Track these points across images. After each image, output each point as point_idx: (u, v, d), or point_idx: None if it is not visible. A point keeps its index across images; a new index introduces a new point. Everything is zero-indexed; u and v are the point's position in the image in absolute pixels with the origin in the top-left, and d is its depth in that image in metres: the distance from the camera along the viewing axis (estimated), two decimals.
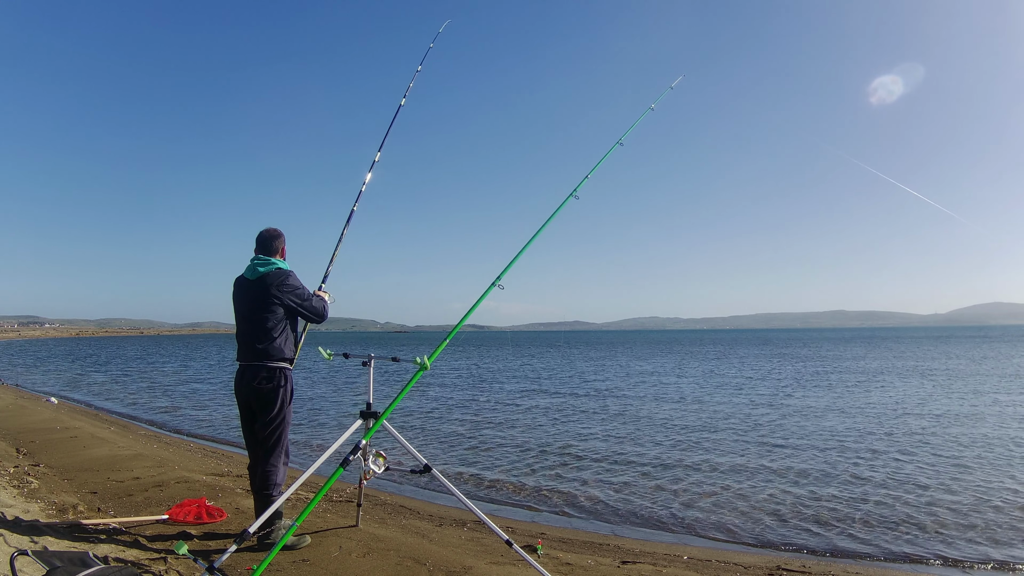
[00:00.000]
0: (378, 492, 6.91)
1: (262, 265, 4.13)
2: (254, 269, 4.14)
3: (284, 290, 4.08)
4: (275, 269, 4.12)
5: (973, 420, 12.67)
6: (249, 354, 4.08)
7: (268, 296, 4.06)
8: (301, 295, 4.15)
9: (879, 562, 5.31)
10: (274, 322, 4.06)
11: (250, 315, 4.09)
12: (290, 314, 4.15)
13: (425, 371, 3.66)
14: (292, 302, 4.11)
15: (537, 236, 4.37)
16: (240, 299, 4.18)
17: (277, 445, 4.11)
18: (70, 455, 7.57)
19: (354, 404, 15.40)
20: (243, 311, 4.14)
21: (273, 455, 4.10)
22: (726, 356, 40.89)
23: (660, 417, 13.52)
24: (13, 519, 4.47)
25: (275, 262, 4.17)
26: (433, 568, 4.04)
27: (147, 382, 22.91)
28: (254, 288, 4.11)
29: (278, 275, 4.10)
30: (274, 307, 4.06)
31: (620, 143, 5.20)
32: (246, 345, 4.10)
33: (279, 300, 4.07)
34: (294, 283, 4.14)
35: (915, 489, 7.43)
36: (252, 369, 4.06)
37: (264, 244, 4.22)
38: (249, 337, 4.08)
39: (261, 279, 4.09)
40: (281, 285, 4.08)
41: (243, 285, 4.19)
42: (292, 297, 4.11)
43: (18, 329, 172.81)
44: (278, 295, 4.06)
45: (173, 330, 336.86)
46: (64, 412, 12.69)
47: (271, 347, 4.04)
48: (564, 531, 5.93)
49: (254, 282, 4.12)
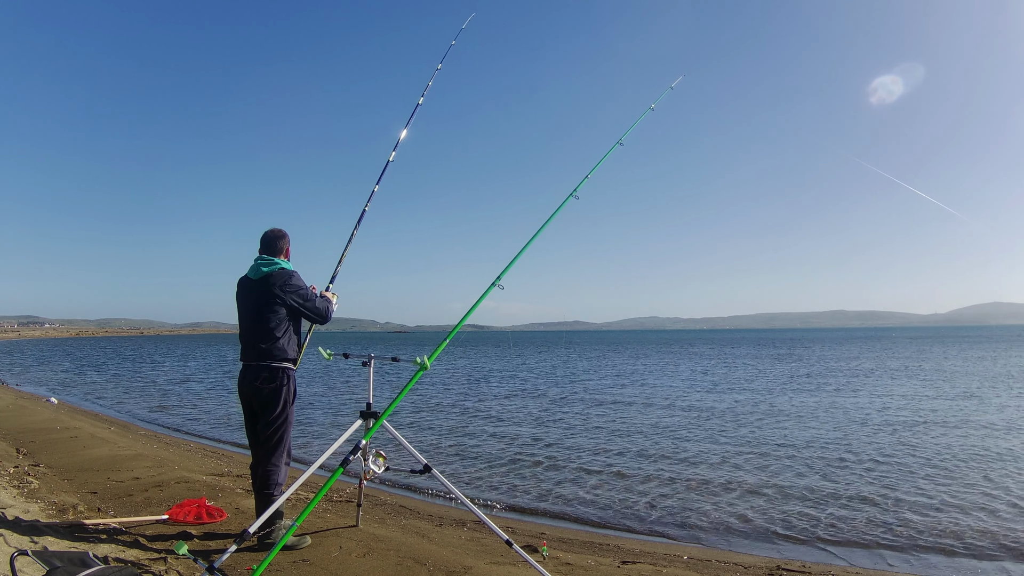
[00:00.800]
0: (378, 492, 6.92)
1: (266, 265, 4.13)
2: (258, 269, 4.14)
3: (287, 290, 4.08)
4: (279, 269, 4.12)
5: (973, 425, 12.66)
6: (252, 354, 4.08)
7: (271, 296, 4.05)
8: (304, 295, 4.15)
9: (879, 563, 5.31)
10: (277, 322, 4.05)
11: (253, 315, 4.09)
12: (293, 314, 4.15)
13: (425, 371, 3.66)
14: (295, 302, 4.10)
15: (537, 236, 4.37)
16: (243, 299, 4.19)
17: (279, 445, 4.11)
18: (70, 455, 7.57)
19: (354, 404, 15.40)
20: (246, 311, 4.14)
21: (275, 455, 4.10)
22: (723, 357, 40.86)
23: (661, 418, 13.52)
24: (13, 519, 4.48)
25: (279, 262, 4.16)
26: (433, 568, 4.04)
27: (145, 382, 22.90)
28: (257, 288, 4.11)
29: (282, 275, 4.10)
30: (277, 307, 4.06)
31: (620, 143, 5.20)
32: (249, 345, 4.10)
33: (282, 300, 4.07)
34: (297, 283, 4.14)
35: (916, 490, 7.43)
36: (255, 369, 4.07)
37: (268, 244, 4.22)
38: (252, 337, 4.09)
39: (265, 279, 4.09)
40: (285, 285, 4.08)
41: (246, 285, 4.19)
42: (295, 297, 4.10)
43: (18, 329, 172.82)
44: (281, 295, 4.06)
45: (173, 330, 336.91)
46: (64, 412, 12.69)
47: (274, 347, 4.04)
48: (564, 531, 5.93)
49: (257, 282, 4.12)
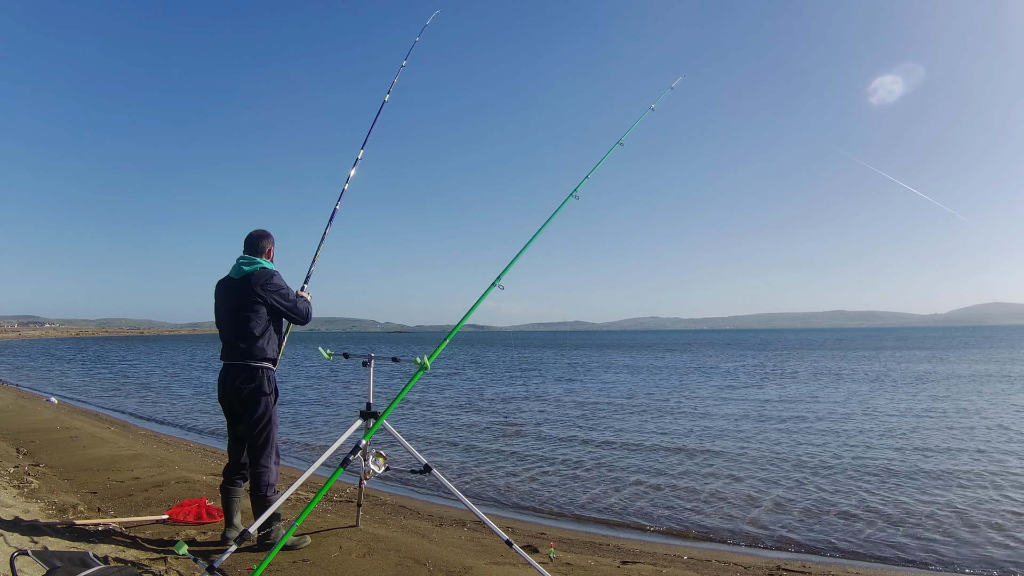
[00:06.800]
0: (378, 492, 6.91)
1: (247, 264, 4.11)
2: (239, 268, 4.12)
3: (268, 289, 4.06)
4: (260, 268, 4.10)
5: (974, 427, 12.65)
6: (232, 354, 4.06)
7: (252, 295, 4.03)
8: (286, 295, 4.13)
9: (879, 562, 5.31)
10: (257, 321, 4.03)
11: (234, 314, 4.07)
12: (274, 314, 4.12)
13: (425, 371, 3.65)
14: (276, 302, 4.08)
15: (537, 236, 4.37)
16: (223, 299, 4.16)
17: (266, 446, 4.08)
18: (70, 455, 7.57)
19: (354, 404, 15.39)
20: (227, 310, 4.12)
21: (262, 456, 4.07)
22: (722, 357, 40.86)
23: (661, 419, 13.53)
24: (13, 519, 4.48)
25: (260, 262, 4.14)
26: (433, 568, 4.04)
27: (145, 382, 22.89)
28: (239, 287, 4.08)
29: (263, 275, 4.08)
30: (257, 306, 4.04)
31: (620, 143, 5.20)
32: (229, 344, 4.08)
33: (263, 300, 4.04)
34: (279, 283, 4.12)
35: (916, 490, 7.43)
36: (234, 369, 4.04)
37: (251, 244, 4.21)
38: (232, 336, 4.06)
39: (246, 278, 4.07)
40: (266, 284, 4.06)
41: (227, 285, 4.17)
42: (276, 297, 4.08)
43: (18, 329, 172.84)
44: (262, 294, 4.04)
45: (173, 330, 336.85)
46: (64, 412, 12.69)
47: (254, 347, 4.02)
48: (564, 531, 5.93)
49: (238, 281, 4.09)
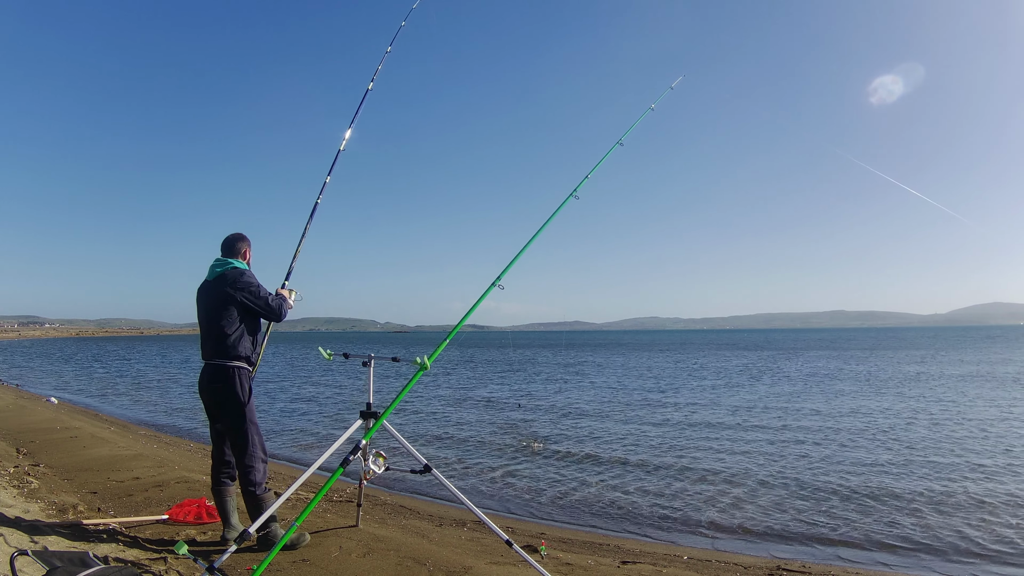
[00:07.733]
0: (378, 492, 6.92)
1: (220, 265, 4.25)
2: (212, 270, 4.27)
3: (238, 287, 4.15)
4: (231, 268, 4.22)
5: (974, 425, 12.65)
6: (208, 353, 4.19)
7: (224, 295, 4.14)
8: (255, 292, 4.20)
9: (879, 562, 5.31)
10: (229, 320, 4.14)
11: (210, 314, 4.19)
12: (247, 312, 4.20)
13: (425, 371, 3.65)
14: (245, 299, 4.16)
15: (537, 236, 4.37)
16: (201, 300, 4.29)
17: (247, 445, 4.13)
18: (70, 455, 7.57)
19: (354, 404, 15.39)
20: (204, 311, 4.25)
21: (245, 455, 4.13)
22: (722, 359, 40.87)
23: (661, 419, 13.52)
24: (13, 519, 4.48)
25: (232, 262, 4.26)
26: (433, 568, 4.04)
27: (145, 382, 22.89)
28: (213, 288, 4.21)
29: (233, 273, 4.19)
30: (229, 306, 4.15)
31: (620, 143, 5.20)
32: (205, 344, 4.22)
33: (233, 298, 4.14)
34: (248, 280, 4.20)
35: (916, 490, 7.43)
36: (211, 368, 4.16)
37: (227, 247, 4.35)
38: (208, 336, 4.19)
39: (219, 278, 4.19)
40: (235, 282, 4.15)
41: (204, 287, 4.30)
42: (245, 294, 4.16)
43: (18, 329, 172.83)
44: (232, 292, 4.14)
45: (173, 330, 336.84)
46: (64, 412, 12.69)
47: (226, 345, 4.12)
48: (564, 531, 5.94)
49: (213, 282, 4.22)
